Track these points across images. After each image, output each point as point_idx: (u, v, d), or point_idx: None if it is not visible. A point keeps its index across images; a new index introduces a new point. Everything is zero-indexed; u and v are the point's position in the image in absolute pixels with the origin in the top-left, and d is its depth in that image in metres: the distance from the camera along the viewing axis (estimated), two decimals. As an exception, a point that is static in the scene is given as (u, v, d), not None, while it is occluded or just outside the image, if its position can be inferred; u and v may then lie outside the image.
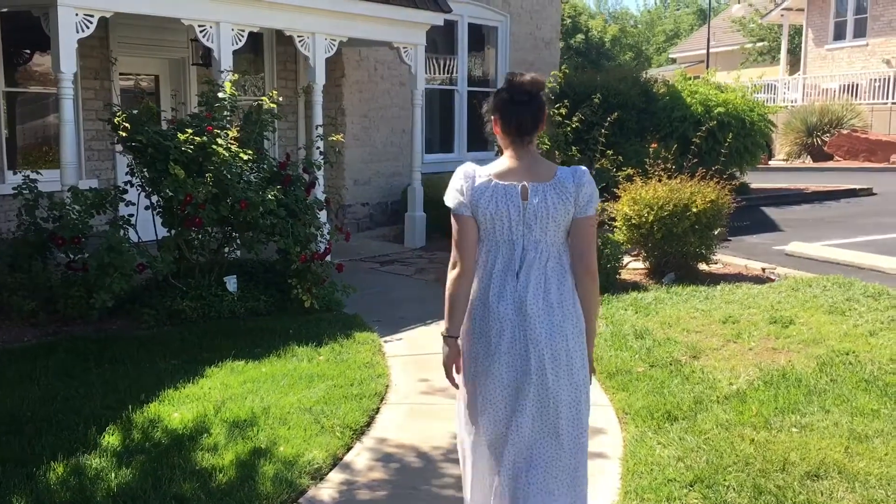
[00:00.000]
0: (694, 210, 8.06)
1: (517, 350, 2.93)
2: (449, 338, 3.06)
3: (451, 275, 3.00)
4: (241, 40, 8.21)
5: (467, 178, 3.01)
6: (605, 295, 7.52)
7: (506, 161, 3.03)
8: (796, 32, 31.16)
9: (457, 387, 3.13)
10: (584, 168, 3.06)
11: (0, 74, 8.22)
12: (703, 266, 8.65)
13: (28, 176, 7.11)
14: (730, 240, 9.70)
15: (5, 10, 7.87)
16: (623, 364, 5.67)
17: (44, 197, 7.02)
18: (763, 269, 8.81)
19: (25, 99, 8.91)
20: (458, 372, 3.11)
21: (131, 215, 7.07)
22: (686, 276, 8.27)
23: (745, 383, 5.23)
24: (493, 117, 3.06)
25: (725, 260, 9.17)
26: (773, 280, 8.30)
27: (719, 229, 8.47)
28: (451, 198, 3.03)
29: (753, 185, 15.13)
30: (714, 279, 8.22)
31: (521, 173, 2.98)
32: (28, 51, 8.88)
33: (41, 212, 6.97)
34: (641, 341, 6.15)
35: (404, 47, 10.15)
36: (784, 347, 5.96)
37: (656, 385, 5.24)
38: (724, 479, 3.91)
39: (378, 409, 5.00)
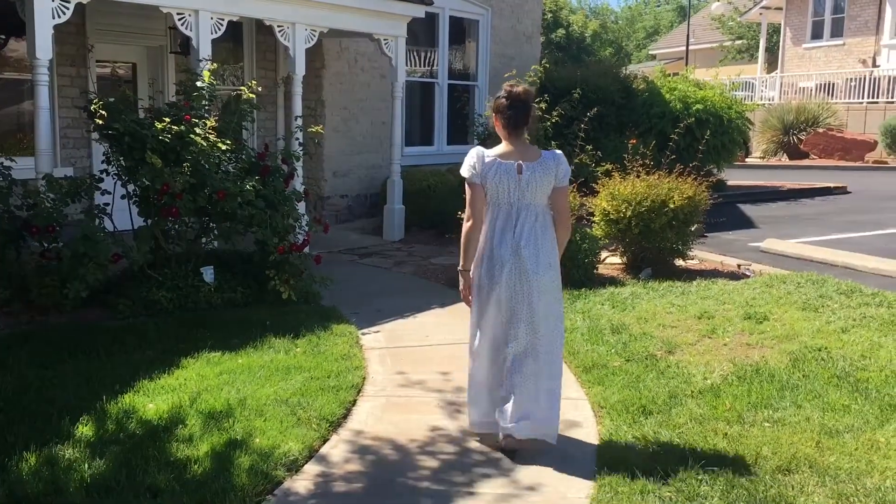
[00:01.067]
0: (671, 206, 8.12)
1: (513, 279, 4.16)
2: (464, 271, 4.29)
3: (466, 226, 4.22)
4: (220, 29, 8.14)
5: (479, 157, 4.19)
6: (583, 289, 7.58)
7: (504, 146, 4.23)
8: (775, 31, 31.43)
9: (470, 306, 4.35)
10: (560, 152, 4.27)
11: (-27, 60, 8.11)
12: (679, 262, 8.71)
13: (2, 163, 7.01)
14: (706, 236, 9.79)
15: (-21, -6, 7.75)
16: (599, 358, 5.70)
17: (18, 185, 6.94)
18: (738, 266, 8.90)
19: (-1, 85, 8.80)
20: (470, 295, 4.32)
21: (107, 204, 6.99)
22: (663, 272, 8.33)
23: (719, 378, 5.28)
24: (494, 115, 4.24)
25: (702, 256, 9.24)
26: (748, 276, 8.39)
27: (696, 225, 8.54)
28: (466, 170, 4.21)
29: (730, 182, 15.26)
30: (690, 275, 8.28)
31: (516, 155, 4.18)
32: (2, 36, 8.75)
33: (15, 200, 6.88)
34: (618, 336, 6.19)
35: (385, 39, 10.12)
36: (758, 343, 6.02)
37: (632, 379, 5.28)
38: (698, 473, 3.95)
39: (355, 401, 4.99)
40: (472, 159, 4.19)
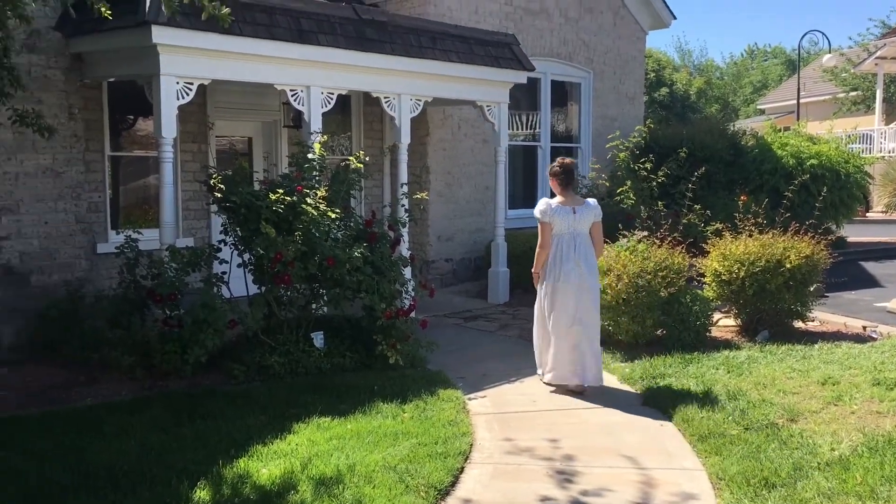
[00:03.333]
0: (788, 266, 7.81)
1: (576, 282, 6.43)
2: (535, 273, 6.65)
3: (539, 250, 6.57)
4: (329, 103, 8.49)
5: (548, 204, 6.56)
6: (695, 353, 7.34)
7: (560, 198, 6.60)
8: (892, 81, 30.19)
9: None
10: (594, 200, 6.72)
11: (106, 140, 8.71)
12: (798, 323, 8.33)
13: (129, 236, 7.45)
14: (827, 296, 9.32)
15: (112, 79, 8.37)
16: (715, 426, 5.46)
17: (144, 255, 7.34)
18: (864, 327, 8.42)
19: (127, 161, 9.39)
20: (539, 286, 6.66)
21: (224, 273, 7.29)
22: (781, 334, 7.98)
23: (848, 449, 4.96)
24: (551, 178, 6.66)
25: (823, 317, 8.80)
26: (874, 339, 7.92)
27: (815, 285, 8.18)
28: (539, 213, 6.56)
29: (850, 239, 14.58)
30: (811, 337, 7.90)
31: (570, 202, 6.58)
32: (131, 117, 9.39)
33: (141, 270, 7.27)
34: (735, 402, 5.93)
35: (488, 105, 10.29)
36: (889, 411, 5.64)
37: (752, 449, 5.02)
38: (829, 553, 3.69)
39: (462, 468, 4.95)
40: (543, 206, 6.57)
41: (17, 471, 4.70)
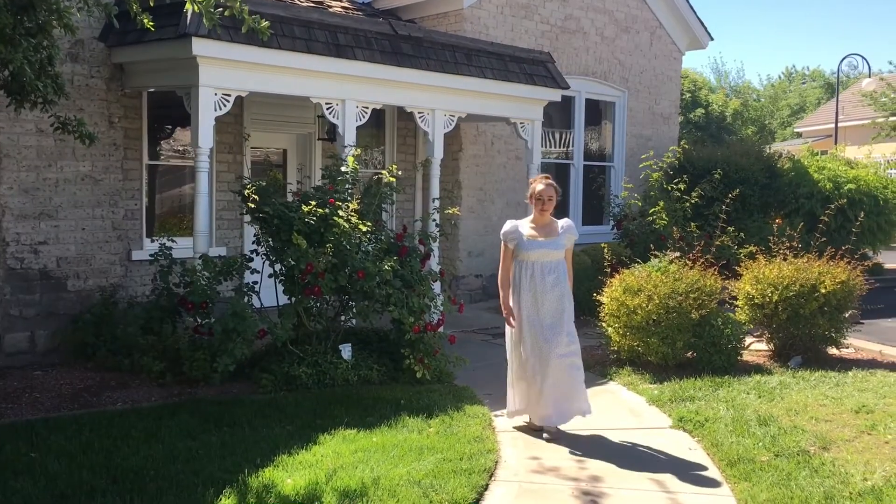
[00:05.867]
0: (822, 291, 7.69)
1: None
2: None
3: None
4: (364, 116, 8.56)
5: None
6: (726, 377, 7.25)
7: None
8: (933, 106, 29.67)
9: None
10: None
11: (144, 149, 8.85)
12: (832, 350, 8.19)
13: (164, 244, 7.56)
14: (862, 323, 9.15)
15: (152, 89, 8.53)
16: (745, 452, 5.38)
17: (177, 263, 7.43)
18: (900, 356, 8.26)
19: (164, 170, 9.53)
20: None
21: (255, 283, 7.35)
22: (814, 360, 7.85)
23: (882, 479, 4.86)
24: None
25: (857, 344, 8.65)
26: (911, 368, 7.75)
27: (850, 311, 8.04)
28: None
29: (888, 266, 14.32)
30: (845, 364, 7.76)
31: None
32: (169, 126, 9.54)
33: (174, 277, 7.36)
34: (765, 428, 5.84)
35: (521, 123, 10.31)
36: (926, 442, 5.52)
37: (782, 476, 4.94)
38: (860, 586, 3.61)
39: (487, 485, 4.92)
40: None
41: (48, 472, 4.77)
